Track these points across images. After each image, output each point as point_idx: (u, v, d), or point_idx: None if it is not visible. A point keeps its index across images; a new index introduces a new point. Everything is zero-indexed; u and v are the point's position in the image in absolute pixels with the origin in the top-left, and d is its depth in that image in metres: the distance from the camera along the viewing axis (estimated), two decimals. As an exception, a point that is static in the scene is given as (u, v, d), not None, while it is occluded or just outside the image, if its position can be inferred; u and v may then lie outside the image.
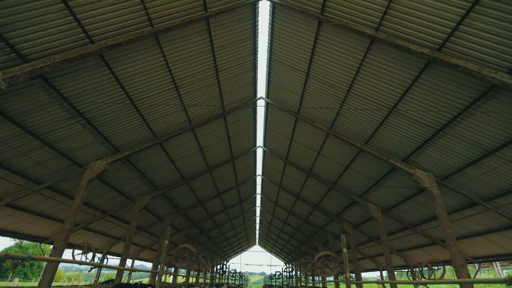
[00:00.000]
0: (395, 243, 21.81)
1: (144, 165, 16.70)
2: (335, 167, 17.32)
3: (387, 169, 14.77)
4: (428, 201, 14.99)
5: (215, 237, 38.40)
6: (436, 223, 16.30)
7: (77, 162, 13.82)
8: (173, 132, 14.69)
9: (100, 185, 16.52)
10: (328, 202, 22.38)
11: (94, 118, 11.92)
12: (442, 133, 10.70)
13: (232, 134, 17.83)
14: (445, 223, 11.40)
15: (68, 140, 12.34)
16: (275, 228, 40.84)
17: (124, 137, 13.81)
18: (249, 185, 27.49)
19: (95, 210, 19.07)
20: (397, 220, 18.35)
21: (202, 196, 23.59)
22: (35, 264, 59.23)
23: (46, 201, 16.04)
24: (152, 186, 19.07)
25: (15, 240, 56.68)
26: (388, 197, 16.84)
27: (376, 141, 13.42)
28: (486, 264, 43.05)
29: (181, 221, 27.24)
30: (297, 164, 19.82)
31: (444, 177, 12.61)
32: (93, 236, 23.45)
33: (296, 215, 29.04)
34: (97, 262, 17.38)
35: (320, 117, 14.32)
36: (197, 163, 18.88)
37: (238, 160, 21.45)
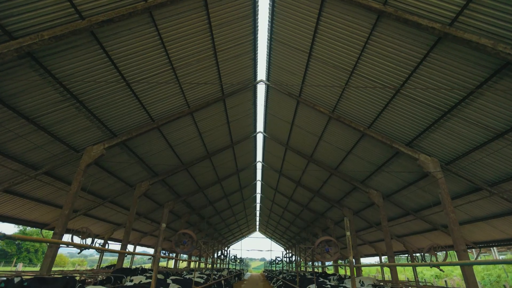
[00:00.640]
0: (395, 229, 21.82)
1: (143, 151, 16.41)
2: (337, 152, 17.02)
3: (390, 154, 14.47)
4: (430, 186, 14.78)
5: (215, 223, 38.66)
6: (438, 208, 16.16)
7: (73, 147, 13.52)
8: (171, 116, 14.31)
9: (98, 170, 16.30)
10: (329, 188, 22.23)
11: (89, 101, 11.53)
12: (449, 115, 10.31)
13: (231, 119, 17.44)
14: (449, 208, 11.21)
15: (63, 124, 12.00)
16: (275, 214, 41.08)
17: (120, 121, 13.45)
18: (249, 171, 27.33)
19: (94, 197, 18.97)
20: (398, 206, 18.23)
21: (202, 182, 23.45)
22: (40, 250, 60.18)
23: (45, 187, 15.87)
24: (152, 172, 18.86)
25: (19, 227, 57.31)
26: (390, 182, 16.64)
27: (380, 125, 13.05)
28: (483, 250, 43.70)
29: (181, 208, 27.25)
30: (298, 149, 19.53)
31: (449, 161, 12.32)
32: (94, 222, 23.49)
33: (296, 201, 29.04)
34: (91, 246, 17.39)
35: (322, 100, 13.89)
36: (196, 148, 18.58)
37: (238, 146, 21.15)
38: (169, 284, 9.12)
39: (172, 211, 26.68)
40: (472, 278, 10.52)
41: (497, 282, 22.60)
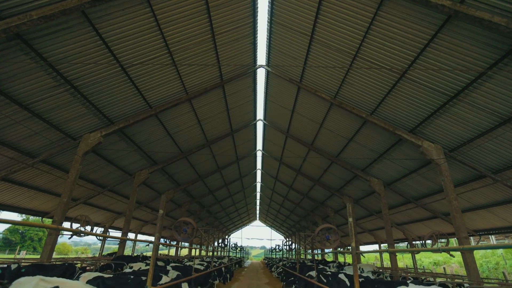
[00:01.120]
0: (395, 217, 21.82)
1: (141, 139, 16.17)
2: (338, 140, 16.77)
3: (392, 141, 14.21)
4: (433, 174, 14.60)
5: (216, 212, 38.86)
6: (440, 196, 16.05)
7: (70, 135, 13.28)
8: (169, 103, 13.98)
9: (96, 159, 16.11)
10: (329, 176, 22.10)
11: (83, 86, 11.19)
12: (455, 100, 9.99)
13: (231, 106, 17.10)
14: (451, 196, 11.04)
15: (58, 111, 11.71)
16: (275, 203, 41.24)
17: (117, 108, 13.15)
18: (249, 160, 27.17)
19: (94, 185, 18.88)
20: (399, 194, 18.12)
21: (202, 171, 23.33)
22: (43, 238, 60.85)
23: (43, 176, 15.73)
24: (151, 160, 18.69)
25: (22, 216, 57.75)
26: (391, 170, 16.46)
27: (383, 111, 12.73)
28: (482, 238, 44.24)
29: (181, 197, 27.26)
30: (299, 137, 19.26)
31: (453, 148, 12.08)
32: (94, 211, 23.53)
33: (296, 190, 29.01)
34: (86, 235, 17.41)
35: (324, 86, 13.52)
36: (195, 136, 18.33)
37: (238, 134, 20.88)
38: (169, 271, 9.05)
39: (173, 200, 26.71)
40: (473, 265, 10.46)
41: (495, 269, 22.79)
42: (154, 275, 7.60)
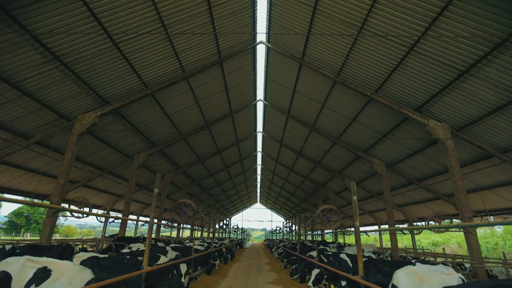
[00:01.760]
0: (396, 198, 21.73)
1: (138, 120, 15.74)
2: (340, 120, 16.30)
3: (397, 121, 13.76)
4: (437, 154, 14.25)
5: (216, 195, 39.05)
6: (443, 177, 15.80)
7: (64, 115, 12.86)
8: (166, 81, 13.41)
9: (93, 140, 15.78)
10: (331, 158, 21.81)
11: (74, 63, 10.63)
12: (467, 75, 9.43)
13: (230, 86, 16.51)
14: (457, 176, 10.74)
15: (49, 90, 11.22)
16: (276, 186, 41.34)
17: (111, 87, 12.63)
18: (249, 142, 26.81)
19: (93, 168, 18.67)
20: (401, 175, 17.88)
21: (202, 153, 23.04)
22: (47, 221, 61.92)
23: (39, 158, 15.47)
24: (149, 142, 18.35)
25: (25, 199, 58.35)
26: (395, 151, 16.10)
27: (388, 89, 12.19)
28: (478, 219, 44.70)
29: (181, 179, 27.17)
30: (300, 118, 18.78)
31: (460, 127, 11.64)
32: (94, 194, 23.52)
33: (297, 172, 28.86)
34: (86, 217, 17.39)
35: (327, 62, 12.89)
36: (194, 117, 17.87)
37: (237, 115, 20.39)
38: (167, 251, 8.93)
39: (173, 183, 26.64)
40: (475, 245, 10.32)
41: (494, 249, 22.99)
42: (152, 256, 7.43)
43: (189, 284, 7.45)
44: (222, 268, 14.17)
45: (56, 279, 4.22)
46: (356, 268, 6.58)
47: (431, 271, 4.56)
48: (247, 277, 12.11)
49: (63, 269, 4.35)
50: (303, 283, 10.43)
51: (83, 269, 4.44)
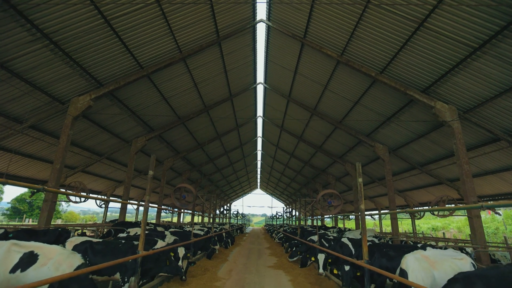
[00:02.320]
0: (398, 183, 21.55)
1: (135, 103, 15.29)
2: (343, 103, 15.82)
3: (401, 103, 13.29)
4: (442, 138, 13.89)
5: (217, 180, 39.04)
6: (446, 162, 15.51)
7: (57, 98, 12.43)
8: (162, 62, 12.87)
9: (90, 125, 15.41)
10: (332, 143, 21.47)
11: (64, 42, 10.09)
12: (480, 52, 8.90)
13: (229, 68, 15.92)
14: (463, 160, 10.41)
15: (40, 70, 10.74)
16: (276, 171, 41.27)
17: (105, 68, 12.11)
18: (249, 127, 26.39)
19: (90, 153, 18.40)
20: (404, 160, 17.59)
21: (201, 138, 22.69)
22: (50, 207, 62.41)
23: (35, 143, 15.15)
24: (147, 127, 17.98)
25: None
26: (398, 135, 15.72)
27: (394, 69, 11.66)
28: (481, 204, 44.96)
29: (181, 165, 26.98)
30: (301, 101, 18.27)
31: (468, 109, 11.21)
32: (94, 179, 23.39)
33: (297, 157, 28.62)
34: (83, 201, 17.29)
35: (330, 41, 12.28)
36: (192, 101, 17.39)
37: (237, 99, 19.87)
38: (166, 236, 8.76)
39: (173, 168, 26.47)
40: (480, 230, 10.15)
41: (494, 234, 23.05)
42: (149, 240, 7.24)
43: (187, 268, 7.29)
44: (223, 252, 14.14)
45: (43, 264, 3.97)
46: (360, 253, 6.37)
47: (442, 255, 4.29)
48: (247, 261, 12.06)
49: (51, 254, 4.10)
50: (304, 267, 10.34)
51: (72, 254, 4.19)
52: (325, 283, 7.46)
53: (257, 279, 8.45)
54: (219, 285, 7.45)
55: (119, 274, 5.72)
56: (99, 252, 5.73)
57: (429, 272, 3.96)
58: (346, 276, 5.59)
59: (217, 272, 9.15)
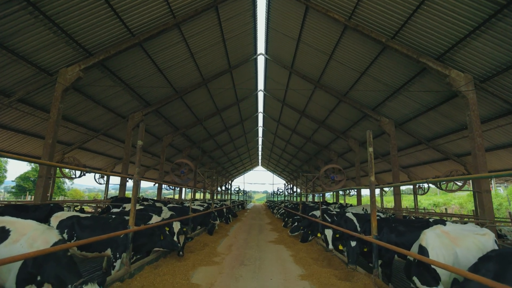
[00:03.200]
0: (401, 159, 21.07)
1: (128, 75, 14.47)
2: (349, 74, 14.91)
3: (412, 73, 12.42)
4: (453, 110, 13.16)
5: (218, 157, 38.79)
6: (455, 136, 14.88)
7: (44, 69, 11.66)
8: (154, 29, 11.89)
9: (82, 99, 14.73)
10: (336, 118, 20.76)
11: (44, 3, 9.14)
12: (507, 10, 7.94)
13: (228, 36, 14.86)
14: (476, 132, 9.79)
15: (21, 37, 9.89)
16: (277, 148, 40.90)
17: (93, 35, 11.19)
18: (250, 102, 25.53)
19: (86, 129, 17.87)
20: (411, 135, 16.96)
21: (200, 113, 21.98)
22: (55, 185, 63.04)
23: (26, 118, 14.58)
24: (143, 101, 17.26)
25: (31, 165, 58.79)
26: (406, 108, 14.97)
27: (407, 34, 10.68)
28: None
29: (181, 141, 26.52)
30: (304, 73, 17.32)
31: (485, 78, 10.40)
32: (92, 157, 23.07)
33: (299, 133, 28.01)
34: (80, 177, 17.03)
35: (337, 3, 11.18)
36: (190, 73, 16.50)
37: (237, 71, 18.91)
38: (162, 211, 8.42)
39: (172, 145, 26.02)
40: (488, 205, 9.76)
41: (497, 210, 22.94)
42: (143, 215, 6.86)
43: (185, 243, 6.99)
44: (223, 228, 14.02)
45: (15, 241, 3.54)
46: (367, 228, 5.96)
47: (464, 231, 3.83)
48: (248, 236, 11.89)
49: (24, 230, 3.65)
50: (304, 242, 10.13)
51: (48, 230, 3.74)
52: (328, 258, 7.17)
53: (258, 254, 8.20)
54: (218, 260, 7.19)
55: (110, 250, 5.37)
56: (87, 227, 5.34)
57: (450, 249, 3.50)
58: (353, 252, 5.22)
59: (217, 247, 8.92)
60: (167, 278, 5.14)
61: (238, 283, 5.42)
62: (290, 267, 6.74)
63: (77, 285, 3.18)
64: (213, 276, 5.75)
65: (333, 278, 5.41)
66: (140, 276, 5.21)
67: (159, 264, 6.15)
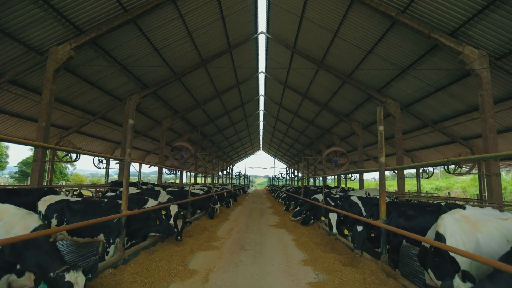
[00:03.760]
0: (406, 143, 20.61)
1: (123, 55, 13.84)
2: (354, 53, 14.20)
3: (422, 50, 11.74)
4: (464, 90, 12.58)
5: (218, 142, 38.44)
6: (464, 118, 14.36)
7: (33, 48, 11.11)
8: (148, 3, 11.16)
9: (76, 80, 14.19)
10: (339, 100, 20.15)
11: (27, -28, 8.45)
12: (531, -24, 7.24)
13: (227, 13, 14.04)
14: (488, 113, 9.33)
15: (3, 13, 9.26)
16: (279, 132, 40.44)
17: (83, 11, 10.51)
18: (251, 84, 24.79)
19: (83, 112, 17.43)
20: (417, 117, 16.45)
21: (200, 96, 21.37)
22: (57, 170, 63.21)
23: (20, 100, 14.14)
24: (140, 83, 16.69)
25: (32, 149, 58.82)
26: (413, 89, 14.36)
27: (419, 8, 9.94)
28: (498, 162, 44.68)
29: (181, 125, 26.08)
30: (307, 53, 16.57)
31: (502, 55, 9.79)
32: (91, 141, 22.76)
33: (301, 117, 27.44)
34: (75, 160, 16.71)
35: (345, -26, 10.38)
36: (187, 53, 15.81)
37: (237, 51, 18.14)
38: (159, 195, 8.14)
39: (172, 129, 25.61)
40: (497, 189, 9.48)
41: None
42: (139, 199, 6.56)
43: (183, 228, 6.73)
44: (224, 211, 13.85)
45: (-10, 227, 3.21)
46: (374, 212, 5.64)
47: (484, 215, 3.48)
48: (249, 220, 11.71)
49: (1, 215, 3.32)
50: (306, 225, 9.93)
51: (28, 215, 3.41)
52: (331, 243, 6.93)
53: (259, 238, 7.98)
54: (217, 245, 6.96)
55: (103, 235, 5.09)
56: (77, 212, 5.03)
57: (471, 235, 3.15)
58: (359, 238, 4.92)
59: (217, 231, 8.71)
60: (163, 264, 4.88)
61: (238, 268, 5.18)
62: (292, 251, 6.50)
63: (59, 273, 2.88)
64: (212, 262, 5.51)
65: (337, 264, 5.15)
66: (135, 262, 4.95)
67: (156, 249, 5.91)
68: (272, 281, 4.54)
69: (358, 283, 4.18)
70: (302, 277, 4.71)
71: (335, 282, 4.32)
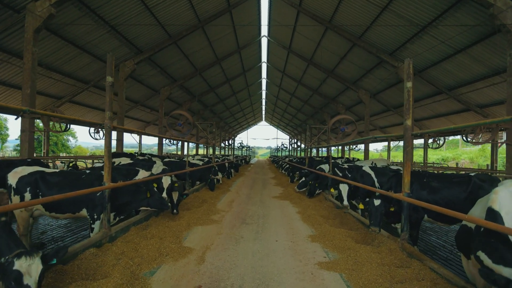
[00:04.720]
0: (415, 111, 19.54)
1: (111, 14, 12.54)
2: (367, 10, 12.73)
3: (445, 5, 10.37)
4: (488, 52, 11.35)
5: (220, 112, 37.44)
6: (482, 83, 13.23)
7: (7, 5, 9.88)
8: (133, -51, 9.69)
9: (63, 44, 13.08)
10: (347, 65, 18.82)
11: None
12: None
13: (224, -37, 12.42)
14: (516, 74, 8.31)
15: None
16: (281, 102, 39.19)
17: (58, -42, 9.13)
18: (253, 50, 23.22)
19: (74, 80, 16.44)
20: (430, 83, 15.31)
21: (199, 63, 20.07)
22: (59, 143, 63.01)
23: (3, 67, 13.20)
24: (134, 48, 15.50)
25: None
26: (430, 51, 13.09)
27: (448, -51, 8.49)
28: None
29: (180, 94, 25.03)
30: (314, 12, 15.03)
31: (539, 6, 8.46)
32: (87, 111, 21.94)
33: (305, 85, 26.14)
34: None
35: None
36: (183, 12, 14.38)
37: (237, 11, 16.54)
38: (154, 166, 7.55)
39: (171, 98, 24.56)
40: (516, 158, 8.78)
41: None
42: (129, 171, 5.94)
43: (179, 201, 6.19)
44: (225, 183, 13.43)
45: None
46: (392, 183, 4.99)
47: (544, 189, 2.75)
48: (251, 191, 11.27)
49: None
50: (312, 197, 9.44)
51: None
52: (340, 216, 6.40)
53: (261, 211, 7.50)
54: (216, 218, 6.47)
55: (86, 210, 4.53)
56: (54, 185, 4.43)
57: (533, 213, 2.46)
58: (376, 212, 4.31)
59: (217, 203, 8.24)
60: (155, 241, 4.36)
61: (238, 245, 4.67)
62: (298, 226, 5.99)
63: (10, 258, 2.30)
64: (210, 238, 5.01)
65: (349, 241, 4.61)
66: (123, 239, 4.44)
67: (149, 224, 5.40)
68: (277, 261, 4.03)
69: (376, 264, 3.64)
70: (310, 256, 4.19)
71: (348, 263, 3.78)
